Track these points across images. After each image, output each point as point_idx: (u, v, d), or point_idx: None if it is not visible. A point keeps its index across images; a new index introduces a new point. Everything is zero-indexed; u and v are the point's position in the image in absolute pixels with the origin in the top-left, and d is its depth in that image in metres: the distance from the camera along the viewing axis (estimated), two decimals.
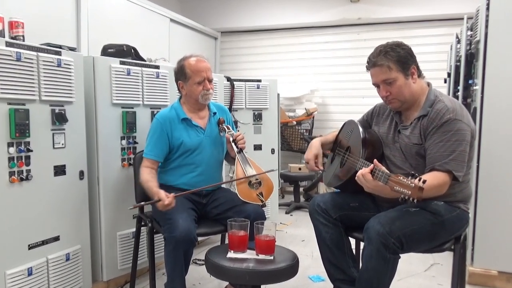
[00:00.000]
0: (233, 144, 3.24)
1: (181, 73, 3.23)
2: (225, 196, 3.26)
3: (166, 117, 3.21)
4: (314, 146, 3.04)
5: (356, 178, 2.41)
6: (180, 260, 2.83)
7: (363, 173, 2.37)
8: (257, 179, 3.18)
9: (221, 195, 3.29)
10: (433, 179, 2.36)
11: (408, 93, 2.63)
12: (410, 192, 2.12)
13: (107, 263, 3.52)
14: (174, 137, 3.18)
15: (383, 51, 2.60)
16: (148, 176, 3.08)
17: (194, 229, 2.86)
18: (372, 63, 2.65)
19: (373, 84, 2.72)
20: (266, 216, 3.27)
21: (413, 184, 2.12)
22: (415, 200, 2.12)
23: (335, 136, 3.16)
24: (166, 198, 2.86)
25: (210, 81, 3.22)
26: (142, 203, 3.05)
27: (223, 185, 3.59)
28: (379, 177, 2.30)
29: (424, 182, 2.11)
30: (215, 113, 3.37)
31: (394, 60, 2.57)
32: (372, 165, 2.36)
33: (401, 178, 2.18)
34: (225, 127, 3.30)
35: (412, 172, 2.18)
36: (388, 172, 2.28)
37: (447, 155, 2.44)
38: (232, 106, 4.98)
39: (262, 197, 3.14)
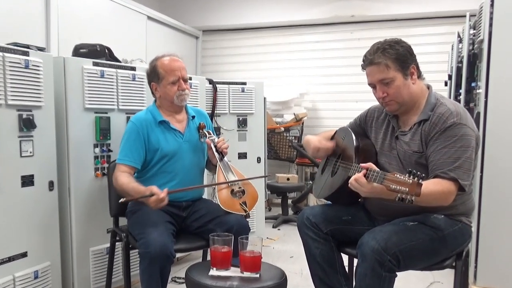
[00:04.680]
0: (214, 150, 3.25)
1: (154, 74, 3.25)
2: (207, 207, 3.27)
3: (143, 119, 3.22)
4: (311, 139, 3.02)
5: (349, 184, 2.42)
6: (156, 277, 2.81)
7: (356, 177, 2.38)
8: (240, 188, 3.20)
9: (202, 207, 3.29)
10: (435, 184, 2.37)
11: (406, 94, 2.62)
12: (407, 189, 2.13)
13: (79, 281, 3.50)
14: (150, 142, 3.18)
15: (381, 48, 2.59)
16: (127, 179, 3.06)
17: (171, 244, 2.86)
18: (369, 61, 2.63)
19: (369, 84, 2.71)
20: (252, 230, 3.28)
21: (411, 180, 2.13)
22: (413, 198, 2.12)
23: (331, 135, 3.13)
24: (160, 192, 2.87)
25: (185, 80, 3.25)
26: (134, 197, 2.96)
27: (205, 196, 3.60)
28: (373, 178, 2.31)
29: (422, 178, 2.12)
30: (193, 117, 3.39)
31: (392, 58, 2.57)
32: (364, 170, 2.37)
33: (398, 175, 2.19)
34: (206, 132, 3.31)
35: (410, 169, 2.17)
36: (383, 171, 2.30)
37: (451, 162, 2.43)
38: (215, 111, 4.99)
39: (246, 206, 3.15)
